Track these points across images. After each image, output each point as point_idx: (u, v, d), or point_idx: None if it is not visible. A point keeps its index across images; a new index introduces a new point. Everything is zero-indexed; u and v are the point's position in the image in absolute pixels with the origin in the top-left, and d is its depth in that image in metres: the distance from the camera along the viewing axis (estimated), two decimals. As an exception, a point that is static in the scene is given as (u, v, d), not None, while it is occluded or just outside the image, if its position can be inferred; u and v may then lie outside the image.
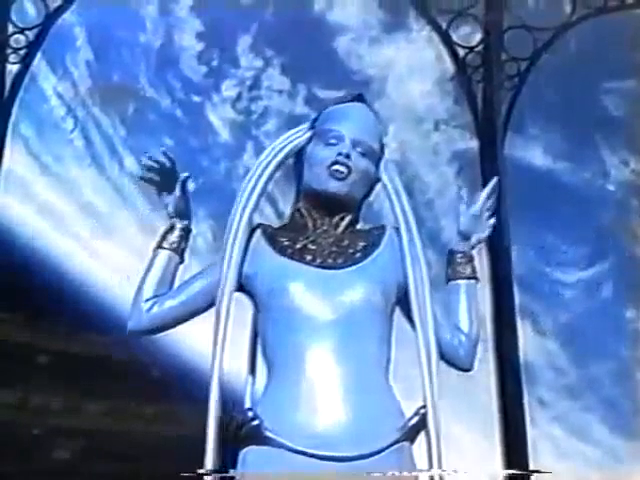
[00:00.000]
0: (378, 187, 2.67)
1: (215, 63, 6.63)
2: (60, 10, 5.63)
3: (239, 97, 6.63)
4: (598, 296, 6.53)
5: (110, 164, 6.61)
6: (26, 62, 5.56)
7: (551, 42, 5.96)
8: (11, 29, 5.58)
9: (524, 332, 5.93)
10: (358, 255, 2.58)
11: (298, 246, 2.58)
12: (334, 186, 2.58)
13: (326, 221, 2.62)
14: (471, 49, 5.94)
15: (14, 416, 5.94)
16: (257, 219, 2.63)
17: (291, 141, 2.67)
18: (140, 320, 2.57)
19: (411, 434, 2.45)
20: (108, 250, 6.30)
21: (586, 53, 6.31)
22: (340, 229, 2.62)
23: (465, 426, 5.85)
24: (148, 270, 2.59)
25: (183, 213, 2.60)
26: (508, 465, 5.22)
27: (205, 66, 6.60)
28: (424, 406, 2.46)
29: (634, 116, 6.36)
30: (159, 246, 2.61)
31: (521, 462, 5.26)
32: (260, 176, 2.61)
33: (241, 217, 2.58)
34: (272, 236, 2.62)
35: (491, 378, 5.65)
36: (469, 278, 2.66)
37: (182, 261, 2.61)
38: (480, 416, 5.78)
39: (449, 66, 6.06)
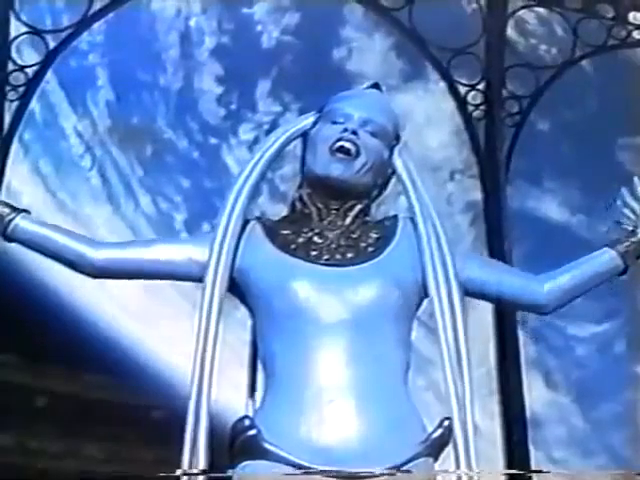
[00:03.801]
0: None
1: (234, 106, 6.67)
2: (59, 49, 5.66)
3: (256, 140, 6.66)
4: (611, 351, 6.44)
5: (126, 204, 6.64)
6: (25, 100, 5.57)
7: (553, 80, 5.94)
8: (11, 66, 5.61)
9: (536, 386, 5.84)
10: (371, 249, 2.28)
11: (301, 240, 2.28)
12: (337, 169, 2.28)
13: (332, 210, 2.31)
14: (472, 87, 5.92)
15: (13, 459, 5.88)
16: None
17: (295, 125, 2.42)
18: (99, 256, 2.34)
19: (434, 449, 2.16)
20: (118, 289, 6.29)
21: (592, 99, 6.29)
22: (349, 219, 2.31)
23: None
24: (50, 241, 2.34)
25: None
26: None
27: (224, 109, 6.64)
28: (448, 417, 2.18)
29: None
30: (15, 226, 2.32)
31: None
32: (257, 162, 2.35)
33: (234, 206, 2.28)
34: (271, 229, 2.32)
35: (497, 433, 5.55)
36: (621, 256, 2.40)
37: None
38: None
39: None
